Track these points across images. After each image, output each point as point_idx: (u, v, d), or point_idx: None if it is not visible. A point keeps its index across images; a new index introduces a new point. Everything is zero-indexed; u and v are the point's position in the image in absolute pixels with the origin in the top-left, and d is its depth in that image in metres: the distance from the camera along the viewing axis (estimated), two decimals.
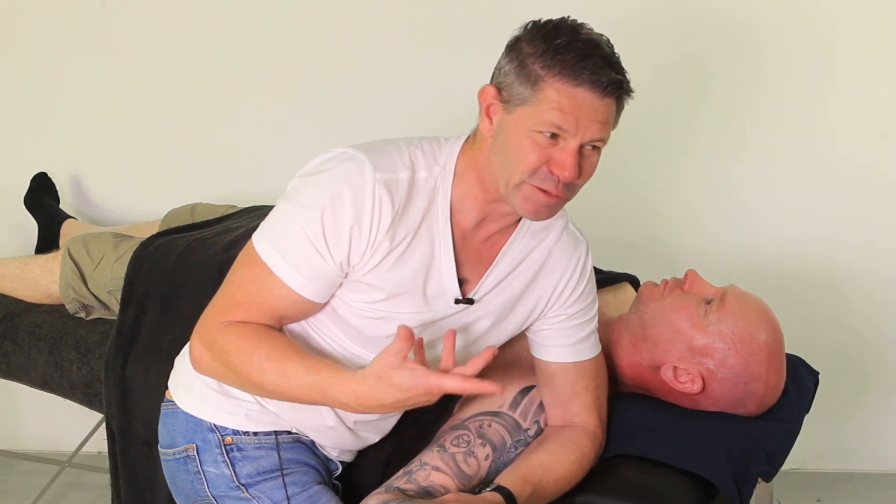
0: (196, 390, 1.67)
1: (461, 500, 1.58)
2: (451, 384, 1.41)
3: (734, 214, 2.69)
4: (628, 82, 1.48)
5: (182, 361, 1.71)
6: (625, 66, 1.49)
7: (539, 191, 1.49)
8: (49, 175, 2.69)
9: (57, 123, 2.78)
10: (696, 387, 1.76)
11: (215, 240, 2.09)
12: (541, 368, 1.74)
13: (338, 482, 1.79)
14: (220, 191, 2.68)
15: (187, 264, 2.03)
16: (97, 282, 2.19)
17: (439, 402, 1.49)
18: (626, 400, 1.84)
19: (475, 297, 1.62)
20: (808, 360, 2.05)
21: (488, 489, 1.60)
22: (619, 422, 1.79)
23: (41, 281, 2.28)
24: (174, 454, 1.70)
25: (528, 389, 1.78)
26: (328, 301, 1.59)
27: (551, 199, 1.50)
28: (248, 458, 1.67)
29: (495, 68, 1.52)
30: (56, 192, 2.71)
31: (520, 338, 1.75)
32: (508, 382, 1.77)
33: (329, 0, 2.65)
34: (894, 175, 2.64)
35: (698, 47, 2.60)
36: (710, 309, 1.75)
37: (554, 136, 1.45)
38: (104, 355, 2.02)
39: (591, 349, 1.74)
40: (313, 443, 1.73)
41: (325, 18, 2.66)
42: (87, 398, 2.17)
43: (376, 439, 1.79)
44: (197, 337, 1.57)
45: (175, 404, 1.70)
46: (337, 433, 1.71)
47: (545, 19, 1.49)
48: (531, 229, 1.64)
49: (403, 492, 1.60)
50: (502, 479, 1.62)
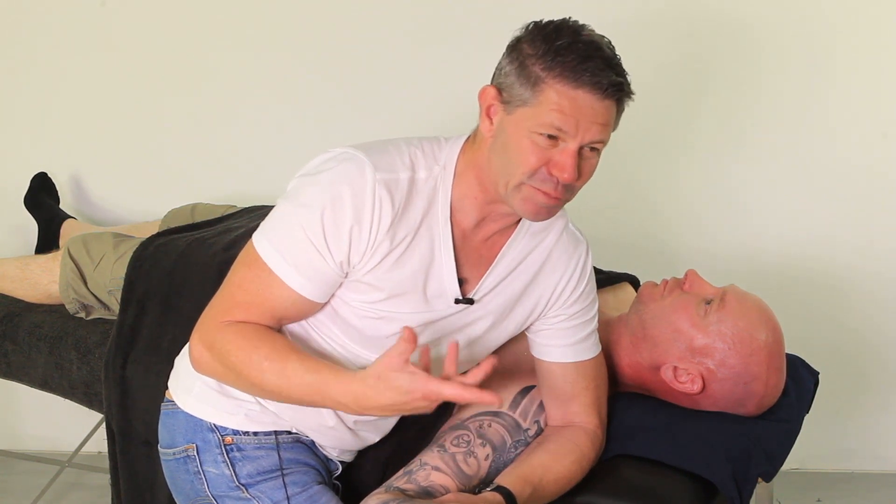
0: (196, 390, 1.67)
1: (461, 500, 1.58)
2: (449, 391, 1.41)
3: (734, 214, 2.69)
4: (629, 84, 1.48)
5: (182, 361, 1.71)
6: (625, 66, 1.49)
7: (538, 192, 1.49)
8: (49, 175, 2.69)
9: (57, 123, 2.77)
10: (696, 387, 1.76)
11: (215, 240, 2.09)
12: (541, 368, 1.74)
13: (338, 482, 1.79)
14: (220, 191, 2.68)
15: (187, 264, 2.03)
16: (97, 282, 2.19)
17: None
18: (626, 400, 1.84)
19: (475, 297, 1.62)
20: (808, 360, 2.04)
21: (488, 489, 1.60)
22: (619, 422, 1.79)
23: (41, 281, 2.28)
24: (174, 454, 1.70)
25: (528, 389, 1.78)
26: (328, 301, 1.59)
27: (550, 200, 1.50)
28: (248, 458, 1.67)
29: (496, 69, 1.52)
30: (56, 192, 2.71)
31: (520, 338, 1.74)
32: (508, 382, 1.77)
33: (329, 0, 2.65)
34: (894, 175, 2.64)
35: (698, 47, 2.60)
36: (710, 309, 1.75)
37: (554, 137, 1.45)
38: (104, 355, 2.02)
39: (592, 349, 1.74)
40: (313, 443, 1.73)
41: (325, 18, 2.66)
42: (87, 398, 2.17)
43: (376, 439, 1.79)
44: (196, 337, 1.57)
45: (175, 404, 1.70)
46: (337, 433, 1.71)
47: (546, 20, 1.49)
48: (531, 229, 1.64)
49: (403, 492, 1.60)
50: (502, 479, 1.62)
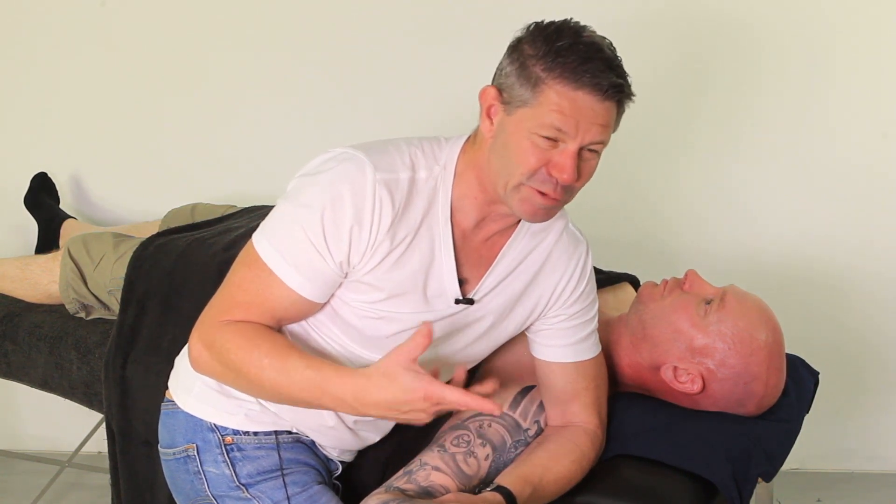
0: (196, 390, 1.67)
1: (461, 500, 1.58)
2: (452, 395, 1.42)
3: (734, 214, 2.69)
4: (629, 86, 1.48)
5: (182, 361, 1.71)
6: (625, 66, 1.48)
7: (537, 193, 1.49)
8: (49, 175, 2.69)
9: (57, 123, 2.77)
10: (696, 387, 1.76)
11: (215, 240, 2.09)
12: (541, 368, 1.74)
13: (338, 482, 1.79)
14: (220, 191, 2.68)
15: (187, 264, 2.03)
16: (97, 282, 2.19)
17: None
18: (626, 400, 1.84)
19: (475, 298, 1.62)
20: (808, 360, 2.04)
21: (488, 489, 1.60)
22: (619, 422, 1.79)
23: (41, 281, 2.28)
24: (174, 454, 1.70)
25: (528, 389, 1.78)
26: (328, 301, 1.59)
27: (549, 201, 1.50)
28: (249, 457, 1.67)
29: (497, 69, 1.52)
30: (56, 192, 2.71)
31: (520, 338, 1.75)
32: (508, 382, 1.77)
33: (329, 0, 2.65)
34: (894, 175, 2.64)
35: (698, 47, 2.60)
36: (710, 309, 1.75)
37: (554, 138, 1.45)
38: (104, 355, 2.02)
39: (591, 349, 1.74)
40: (313, 443, 1.73)
41: (325, 18, 2.66)
42: (87, 398, 2.17)
43: (376, 439, 1.79)
44: (196, 336, 1.57)
45: (175, 404, 1.70)
46: (337, 433, 1.71)
47: (547, 21, 1.49)
48: (531, 230, 1.64)
49: (403, 492, 1.60)
50: (502, 479, 1.62)
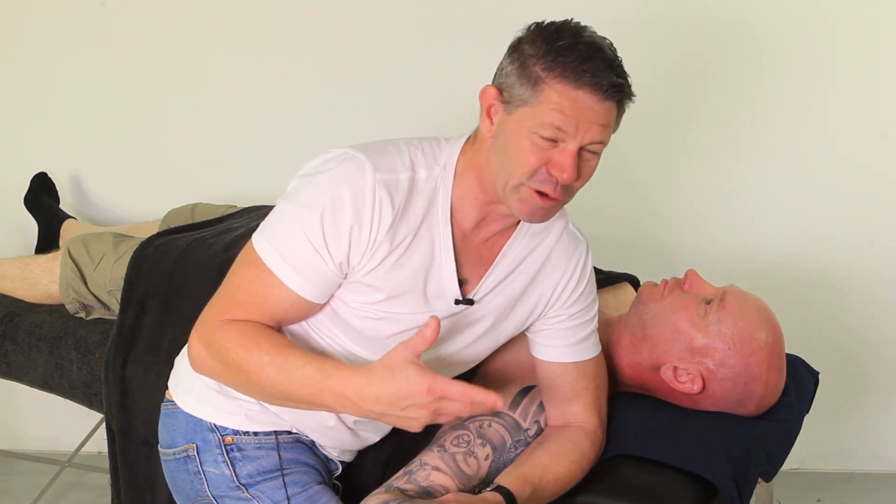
0: (196, 390, 1.67)
1: (461, 500, 1.58)
2: (455, 387, 1.41)
3: (734, 214, 2.69)
4: (630, 86, 1.48)
5: (182, 361, 1.71)
6: (625, 66, 1.48)
7: (536, 193, 1.49)
8: (49, 175, 2.69)
9: (57, 123, 2.77)
10: (696, 387, 1.75)
11: (215, 240, 2.09)
12: (541, 368, 1.74)
13: (338, 482, 1.79)
14: (220, 191, 2.68)
15: (187, 264, 2.03)
16: (97, 282, 2.19)
17: None
18: (626, 400, 1.84)
19: (475, 298, 1.62)
20: (808, 360, 2.04)
21: (488, 489, 1.60)
22: (619, 422, 1.79)
23: (41, 281, 2.28)
24: (174, 454, 1.70)
25: (528, 389, 1.78)
26: (327, 302, 1.59)
27: (548, 202, 1.50)
28: (249, 458, 1.67)
29: (497, 69, 1.52)
30: (56, 192, 2.71)
31: (520, 338, 1.75)
32: (508, 382, 1.77)
33: (329, 0, 2.65)
34: (894, 175, 2.64)
35: (698, 47, 2.60)
36: (710, 309, 1.75)
37: (554, 138, 1.45)
38: (104, 355, 2.02)
39: (592, 349, 1.74)
40: (313, 443, 1.73)
41: (325, 18, 2.66)
42: (87, 398, 2.17)
43: (376, 439, 1.79)
44: (196, 336, 1.57)
45: (175, 404, 1.70)
46: (337, 433, 1.71)
47: (548, 21, 1.49)
48: (531, 230, 1.64)
49: (403, 492, 1.60)
50: (502, 479, 1.62)
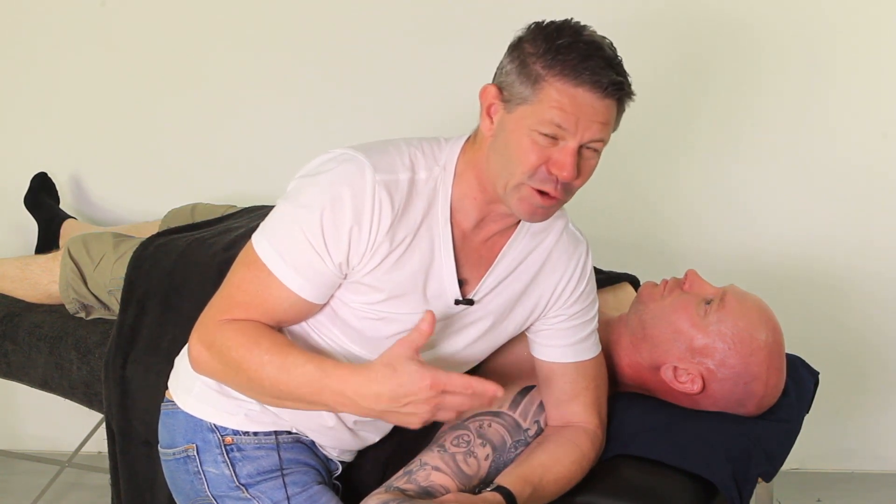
0: (196, 390, 1.67)
1: (461, 500, 1.58)
2: (457, 379, 1.42)
3: (734, 214, 2.69)
4: (630, 84, 1.48)
5: (182, 361, 1.71)
6: (625, 66, 1.49)
7: (537, 193, 1.49)
8: (49, 175, 2.69)
9: (57, 123, 2.77)
10: (696, 387, 1.75)
11: (215, 240, 2.09)
12: (541, 368, 1.74)
13: (338, 482, 1.79)
14: (220, 191, 2.68)
15: (187, 264, 2.03)
16: (97, 282, 2.19)
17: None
18: (626, 400, 1.84)
19: (475, 298, 1.62)
20: (808, 360, 2.04)
21: (488, 489, 1.60)
22: (619, 422, 1.79)
23: (41, 281, 2.28)
24: (174, 454, 1.70)
25: (528, 389, 1.78)
26: (327, 302, 1.59)
27: (549, 200, 1.50)
28: (248, 458, 1.67)
29: (497, 68, 1.52)
30: (56, 192, 2.71)
31: (520, 338, 1.75)
32: (508, 382, 1.77)
33: (329, 0, 2.65)
34: (894, 175, 2.64)
35: (698, 47, 2.60)
36: (710, 309, 1.75)
37: (554, 136, 1.45)
38: (104, 355, 2.02)
39: (592, 349, 1.74)
40: (313, 443, 1.73)
41: (325, 18, 2.66)
42: (87, 398, 2.17)
43: (376, 439, 1.78)
44: (196, 336, 1.57)
45: (175, 404, 1.70)
46: (337, 433, 1.71)
47: (548, 20, 1.49)
48: (531, 230, 1.64)
49: (403, 492, 1.60)
50: (502, 479, 1.62)
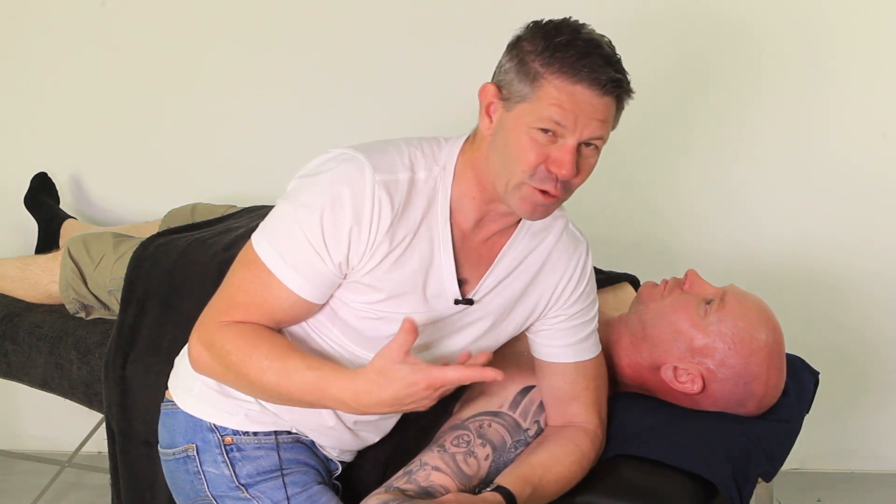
0: (196, 390, 1.67)
1: (461, 500, 1.58)
2: (452, 374, 1.42)
3: (734, 214, 2.69)
4: (628, 82, 1.48)
5: (182, 361, 1.71)
6: (625, 66, 1.49)
7: (538, 192, 1.49)
8: (49, 175, 2.69)
9: (57, 123, 2.77)
10: (696, 387, 1.75)
11: (215, 240, 2.09)
12: (541, 368, 1.74)
13: (338, 482, 1.79)
14: (220, 191, 2.68)
15: (187, 264, 2.03)
16: (97, 282, 2.19)
17: (439, 402, 1.50)
18: (626, 400, 1.84)
19: (475, 298, 1.62)
20: (808, 360, 2.04)
21: (488, 489, 1.60)
22: (619, 422, 1.79)
23: (41, 281, 2.28)
24: (174, 454, 1.70)
25: (528, 389, 1.78)
26: (327, 302, 1.59)
27: (549, 199, 1.50)
28: (248, 458, 1.67)
29: (496, 67, 1.52)
30: (56, 192, 2.71)
31: (520, 338, 1.74)
32: (508, 382, 1.77)
33: (329, 0, 2.65)
34: (894, 175, 2.63)
35: (698, 47, 2.60)
36: (710, 309, 1.75)
37: (553, 133, 1.46)
38: (104, 355, 2.02)
39: (592, 349, 1.74)
40: (313, 443, 1.73)
41: (325, 18, 2.66)
42: (87, 398, 2.17)
43: (376, 439, 1.78)
44: (196, 337, 1.57)
45: (175, 404, 1.70)
46: (336, 433, 1.71)
47: (547, 19, 1.49)
48: (531, 230, 1.64)
49: (403, 492, 1.60)
50: (502, 479, 1.62)
